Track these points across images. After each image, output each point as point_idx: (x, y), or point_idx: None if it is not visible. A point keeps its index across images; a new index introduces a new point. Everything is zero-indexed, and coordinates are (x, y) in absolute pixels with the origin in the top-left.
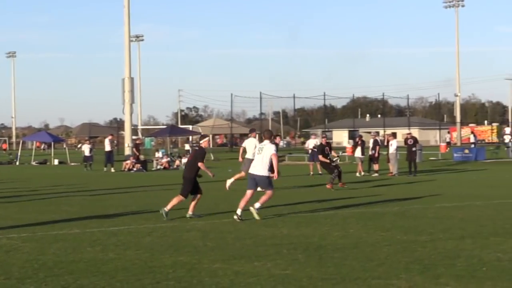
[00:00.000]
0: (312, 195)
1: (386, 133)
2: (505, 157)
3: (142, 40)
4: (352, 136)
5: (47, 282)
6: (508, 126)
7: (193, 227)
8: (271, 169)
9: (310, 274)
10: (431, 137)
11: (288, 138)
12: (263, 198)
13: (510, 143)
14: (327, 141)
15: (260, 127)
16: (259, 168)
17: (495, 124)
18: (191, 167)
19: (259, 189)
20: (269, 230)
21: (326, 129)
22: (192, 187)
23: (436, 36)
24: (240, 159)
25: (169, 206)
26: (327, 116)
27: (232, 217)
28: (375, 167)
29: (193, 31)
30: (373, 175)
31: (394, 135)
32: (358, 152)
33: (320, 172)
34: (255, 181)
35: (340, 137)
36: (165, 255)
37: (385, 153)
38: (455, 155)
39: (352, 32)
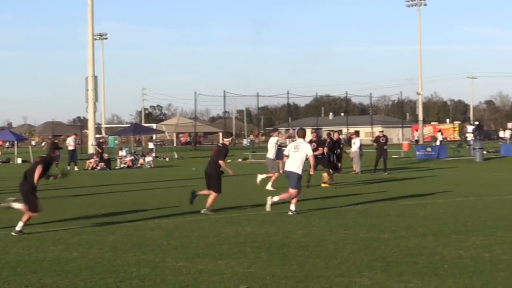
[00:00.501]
0: (276, 194)
1: (349, 131)
2: (467, 155)
3: (106, 38)
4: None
5: (10, 281)
6: (470, 124)
7: (157, 225)
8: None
9: (273, 272)
10: (394, 135)
11: (251, 137)
12: (284, 195)
13: (471, 141)
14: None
15: (224, 126)
16: (294, 165)
17: (457, 122)
18: (215, 164)
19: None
20: (233, 228)
21: (290, 127)
22: (220, 181)
23: (398, 35)
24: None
25: (208, 205)
26: (291, 114)
27: (196, 216)
28: (338, 165)
29: (156, 29)
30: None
31: (357, 133)
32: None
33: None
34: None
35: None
36: (128, 253)
37: (348, 151)
38: (417, 153)
39: (315, 31)
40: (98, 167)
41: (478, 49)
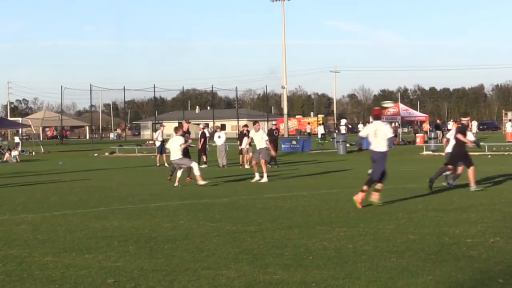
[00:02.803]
0: (144, 188)
1: (215, 125)
2: (331, 148)
3: None
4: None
5: None
6: (343, 118)
7: (23, 220)
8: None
9: (141, 266)
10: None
11: (118, 130)
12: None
13: (334, 135)
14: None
15: (91, 120)
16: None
17: (320, 116)
18: None
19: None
20: (100, 222)
21: (157, 121)
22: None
23: (263, 29)
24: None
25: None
26: (157, 108)
27: (63, 211)
28: (204, 158)
29: (19, 22)
30: (201, 166)
31: (222, 127)
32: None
33: (166, 164)
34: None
35: (171, 129)
36: None
37: (214, 145)
38: (283, 146)
39: (180, 25)
40: None
41: (341, 44)
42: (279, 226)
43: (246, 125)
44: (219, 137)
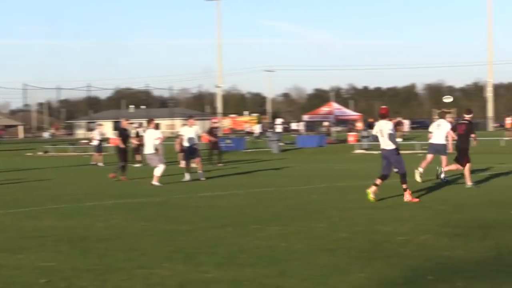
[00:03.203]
0: (78, 187)
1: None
2: (265, 146)
3: None
4: (116, 127)
5: None
6: (278, 117)
7: None
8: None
9: (74, 266)
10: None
11: (52, 130)
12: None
13: (270, 133)
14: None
15: (24, 119)
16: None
17: (255, 115)
18: None
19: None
20: (33, 222)
21: (91, 121)
22: None
23: (198, 28)
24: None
25: None
26: (92, 107)
27: None
28: (137, 157)
29: None
30: (135, 166)
31: (157, 126)
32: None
33: (100, 163)
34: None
35: (108, 128)
36: None
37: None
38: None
39: (115, 24)
40: None
41: (275, 43)
42: (213, 225)
43: (215, 122)
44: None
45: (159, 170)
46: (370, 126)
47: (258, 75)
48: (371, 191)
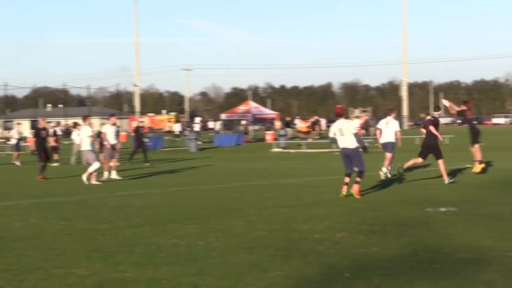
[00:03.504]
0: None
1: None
2: (183, 145)
3: None
4: (33, 126)
5: None
6: (198, 116)
7: None
8: None
9: None
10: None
11: None
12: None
13: (188, 132)
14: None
15: None
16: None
17: (173, 114)
18: None
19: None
20: None
21: (8, 119)
22: None
23: (116, 27)
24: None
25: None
26: (9, 106)
27: None
28: (55, 156)
29: None
30: (53, 165)
31: (75, 125)
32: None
33: (18, 163)
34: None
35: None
36: None
37: (66, 142)
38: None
39: (31, 22)
40: None
41: (193, 42)
42: (131, 224)
43: (142, 121)
44: (78, 135)
45: (93, 167)
46: (287, 125)
47: (176, 74)
48: (344, 191)
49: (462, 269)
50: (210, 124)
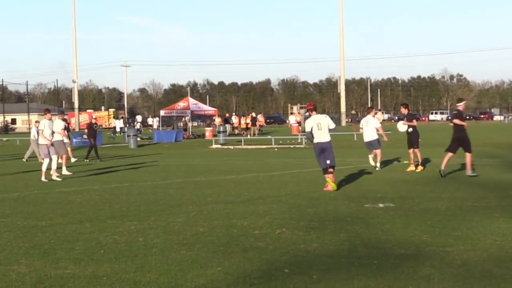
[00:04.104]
0: None
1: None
2: (122, 142)
3: None
4: None
5: None
6: (139, 114)
7: None
8: None
9: None
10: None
11: None
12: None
13: (127, 129)
14: None
15: None
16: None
17: (111, 110)
18: None
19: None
20: None
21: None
22: None
23: (53, 23)
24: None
25: None
26: None
27: None
28: None
29: None
30: None
31: (13, 121)
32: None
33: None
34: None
35: None
36: None
37: (5, 139)
38: (74, 140)
39: None
40: None
41: (131, 38)
42: (71, 220)
43: (96, 118)
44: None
45: (44, 164)
46: (226, 121)
47: (115, 70)
48: (331, 183)
49: (401, 265)
50: (149, 121)
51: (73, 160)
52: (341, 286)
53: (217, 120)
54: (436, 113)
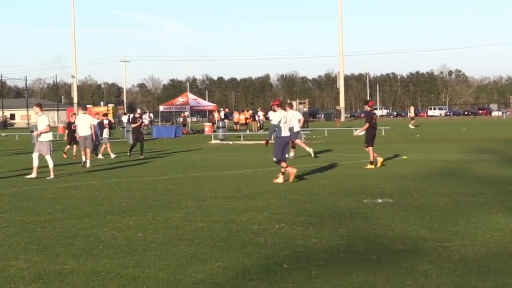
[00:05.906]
0: None
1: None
2: (121, 137)
3: None
4: None
5: None
6: (140, 111)
7: None
8: None
9: None
10: (50, 118)
11: None
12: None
13: (126, 124)
14: None
15: None
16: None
17: (111, 105)
18: None
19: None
20: None
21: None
22: None
23: (52, 18)
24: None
25: None
26: None
27: None
28: None
29: None
30: None
31: (12, 117)
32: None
33: None
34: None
35: None
36: None
37: (3, 134)
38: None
39: None
40: None
41: (130, 33)
42: (69, 216)
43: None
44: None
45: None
46: (226, 116)
47: (114, 65)
48: (292, 176)
49: (399, 260)
50: (148, 116)
51: (112, 156)
52: (340, 281)
53: (216, 116)
54: (434, 108)
